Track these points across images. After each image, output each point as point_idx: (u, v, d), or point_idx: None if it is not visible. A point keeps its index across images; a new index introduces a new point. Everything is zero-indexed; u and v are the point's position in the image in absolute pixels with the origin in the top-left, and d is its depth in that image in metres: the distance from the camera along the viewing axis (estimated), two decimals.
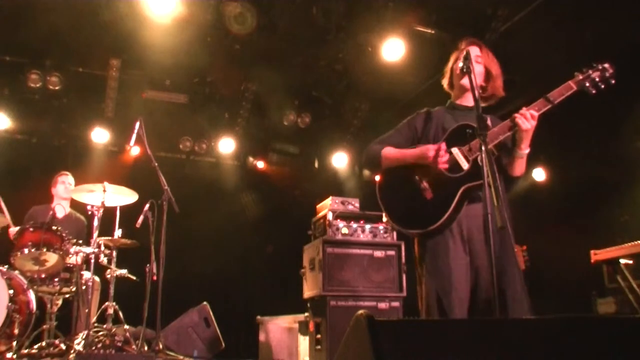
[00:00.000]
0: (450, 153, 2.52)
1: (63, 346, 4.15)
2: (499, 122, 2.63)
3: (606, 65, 2.53)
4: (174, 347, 4.94)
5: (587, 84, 2.50)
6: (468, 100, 2.71)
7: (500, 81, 2.73)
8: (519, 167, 2.56)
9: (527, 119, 2.43)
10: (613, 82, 2.51)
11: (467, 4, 5.35)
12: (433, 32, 5.61)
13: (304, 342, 4.78)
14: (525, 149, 2.49)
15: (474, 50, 2.69)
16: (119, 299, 4.71)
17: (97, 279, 4.87)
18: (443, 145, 2.49)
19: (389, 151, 2.67)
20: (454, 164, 2.50)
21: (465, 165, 2.48)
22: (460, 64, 2.55)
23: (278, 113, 7.35)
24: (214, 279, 7.07)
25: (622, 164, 5.58)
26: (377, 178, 2.73)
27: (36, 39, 5.82)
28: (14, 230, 4.71)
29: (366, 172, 8.24)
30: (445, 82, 2.86)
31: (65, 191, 5.23)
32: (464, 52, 2.53)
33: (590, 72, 2.52)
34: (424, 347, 1.41)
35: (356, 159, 8.02)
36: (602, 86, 2.51)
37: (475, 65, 2.59)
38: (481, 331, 1.52)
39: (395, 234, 4.86)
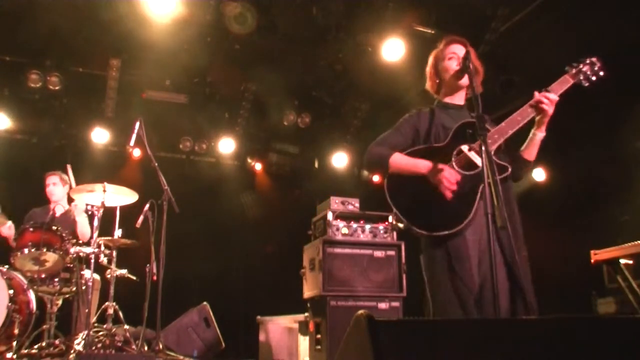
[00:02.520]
0: (461, 151, 2.51)
1: (63, 346, 4.14)
2: (489, 120, 2.65)
3: (594, 59, 2.63)
4: (174, 347, 4.94)
5: (581, 77, 2.59)
6: (458, 99, 2.72)
7: (481, 77, 2.74)
8: (534, 150, 2.61)
9: (550, 104, 2.49)
10: (602, 74, 2.61)
11: (467, 4, 5.35)
12: (433, 32, 5.61)
13: (304, 342, 4.78)
14: (544, 132, 2.56)
15: (459, 49, 2.66)
16: (119, 299, 4.70)
17: (97, 277, 4.87)
18: (455, 174, 2.45)
19: (397, 159, 2.57)
20: (467, 162, 2.49)
21: (479, 162, 2.47)
22: (455, 63, 2.61)
23: (278, 113, 7.35)
24: (214, 279, 7.06)
25: (622, 164, 5.58)
26: (378, 179, 2.72)
27: (36, 39, 5.82)
28: (6, 227, 4.71)
29: (365, 172, 8.24)
30: (428, 84, 2.82)
31: (49, 193, 5.17)
32: (464, 53, 2.53)
33: (581, 66, 2.61)
34: (424, 347, 1.41)
35: (356, 159, 8.02)
36: (594, 79, 2.60)
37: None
38: (481, 331, 1.52)
39: (395, 234, 4.86)
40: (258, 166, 8.15)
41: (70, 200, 5.17)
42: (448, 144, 2.55)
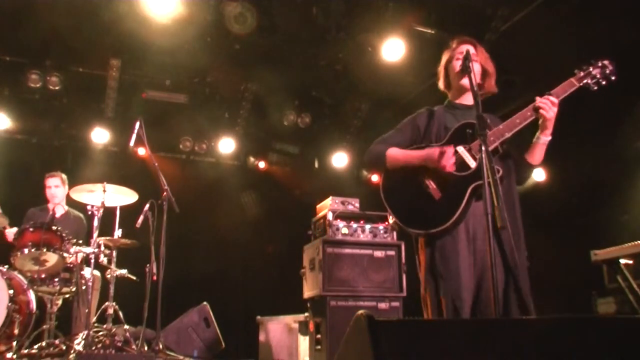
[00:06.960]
0: (456, 152, 2.51)
1: (63, 346, 4.14)
2: (498, 120, 2.64)
3: (605, 62, 2.53)
4: (174, 347, 4.94)
5: (589, 81, 2.51)
6: (467, 99, 2.71)
7: (494, 79, 2.74)
8: (538, 154, 2.57)
9: (550, 107, 2.44)
10: (614, 78, 2.52)
11: (467, 4, 5.35)
12: (433, 32, 5.61)
13: (304, 342, 4.78)
14: (549, 135, 2.51)
15: (469, 49, 2.67)
16: (119, 299, 4.71)
17: (97, 273, 4.86)
18: (450, 148, 2.48)
19: (394, 152, 2.63)
20: (460, 163, 2.49)
21: (472, 164, 2.47)
22: (459, 64, 2.57)
23: (278, 113, 7.35)
24: (214, 279, 7.06)
25: (622, 164, 5.58)
26: (377, 179, 2.72)
27: (36, 39, 5.82)
28: (10, 231, 4.71)
29: (364, 172, 8.24)
30: (440, 83, 2.83)
31: (51, 195, 5.17)
32: (464, 52, 2.53)
33: (591, 69, 2.53)
34: (424, 347, 1.41)
35: (356, 159, 8.01)
36: (604, 82, 2.51)
37: (474, 64, 2.59)
38: (481, 331, 1.52)
39: (395, 234, 4.86)
40: (259, 166, 8.13)
41: (69, 200, 5.17)
42: (445, 144, 2.56)
